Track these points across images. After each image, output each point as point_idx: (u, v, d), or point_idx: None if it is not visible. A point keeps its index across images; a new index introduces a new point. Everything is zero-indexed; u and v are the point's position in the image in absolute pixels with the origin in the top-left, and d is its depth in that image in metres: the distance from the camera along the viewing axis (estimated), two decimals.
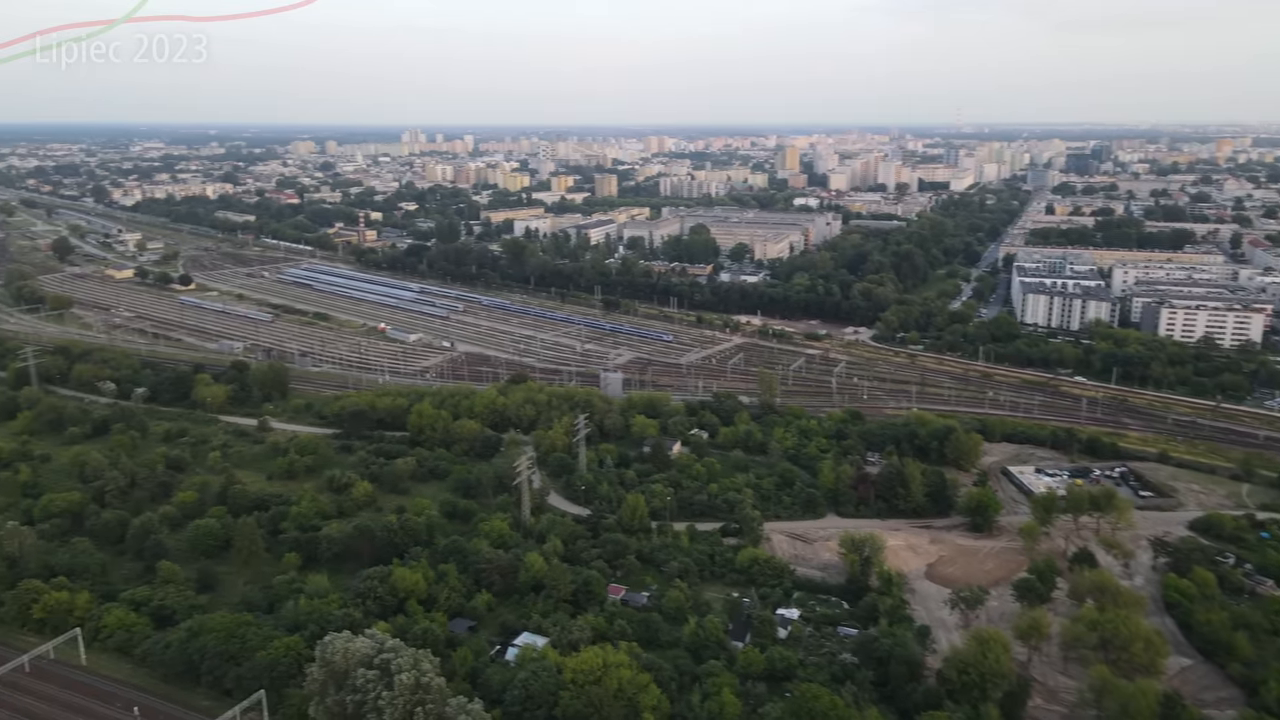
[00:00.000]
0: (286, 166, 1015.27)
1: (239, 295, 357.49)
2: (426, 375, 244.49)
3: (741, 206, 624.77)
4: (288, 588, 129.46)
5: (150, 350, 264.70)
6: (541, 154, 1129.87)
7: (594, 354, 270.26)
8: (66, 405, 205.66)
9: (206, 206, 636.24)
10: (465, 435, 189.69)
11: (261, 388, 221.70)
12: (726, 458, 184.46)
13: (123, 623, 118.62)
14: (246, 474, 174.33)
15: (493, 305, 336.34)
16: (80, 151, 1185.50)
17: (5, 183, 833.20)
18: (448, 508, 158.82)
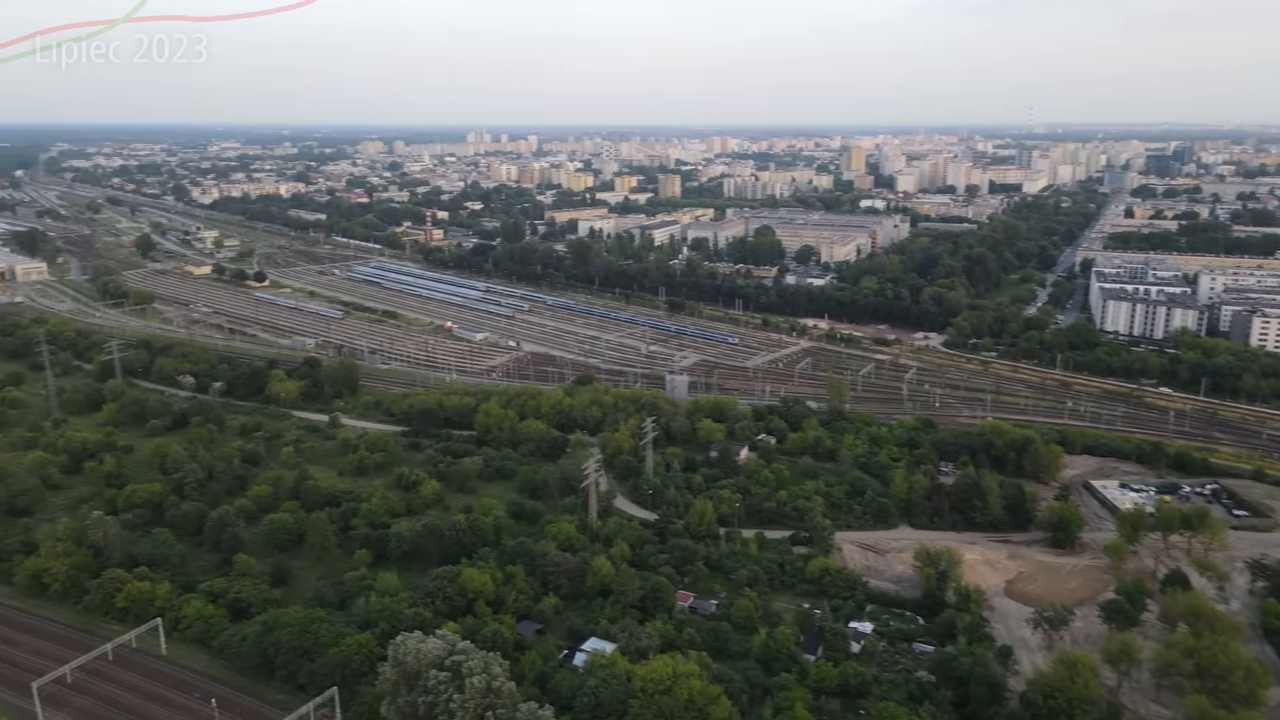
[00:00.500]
0: (356, 166, 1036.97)
1: (310, 292, 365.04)
2: (493, 374, 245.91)
3: (806, 208, 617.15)
4: (358, 584, 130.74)
5: (227, 345, 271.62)
6: (605, 154, 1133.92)
7: (659, 356, 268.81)
8: (148, 398, 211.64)
9: (280, 205, 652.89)
10: (532, 435, 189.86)
11: (332, 384, 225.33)
12: (795, 464, 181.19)
13: (201, 614, 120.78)
14: (318, 469, 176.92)
15: (558, 305, 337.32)
16: (162, 151, 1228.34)
17: (92, 181, 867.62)
18: (514, 508, 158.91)
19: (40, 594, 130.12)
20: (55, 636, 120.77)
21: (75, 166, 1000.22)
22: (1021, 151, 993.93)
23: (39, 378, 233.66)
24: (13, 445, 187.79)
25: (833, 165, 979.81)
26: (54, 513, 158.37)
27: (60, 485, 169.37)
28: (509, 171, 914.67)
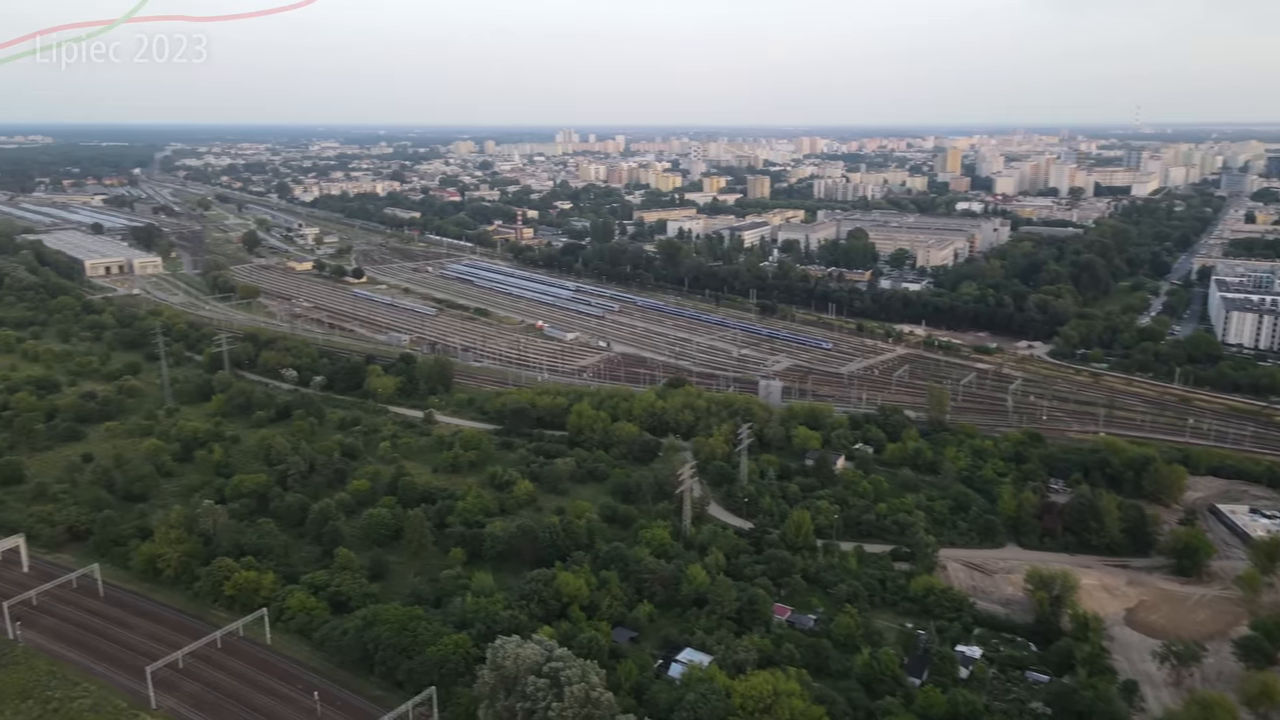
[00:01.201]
0: (449, 165, 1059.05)
1: (405, 289, 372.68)
2: (584, 375, 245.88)
3: (900, 210, 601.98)
4: (454, 583, 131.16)
5: (326, 340, 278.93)
6: (692, 154, 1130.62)
7: (750, 359, 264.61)
8: (254, 390, 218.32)
9: (376, 203, 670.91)
10: (624, 438, 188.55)
11: (427, 381, 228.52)
12: (894, 476, 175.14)
13: (304, 606, 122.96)
14: (413, 465, 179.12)
15: (647, 306, 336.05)
16: (266, 151, 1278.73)
17: (203, 179, 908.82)
18: (607, 512, 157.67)
19: (154, 578, 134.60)
20: (167, 621, 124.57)
21: (187, 165, 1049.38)
22: (1130, 152, 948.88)
23: (154, 367, 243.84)
24: (130, 432, 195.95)
25: (926, 166, 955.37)
26: (166, 499, 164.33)
27: (172, 473, 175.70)
28: (597, 171, 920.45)
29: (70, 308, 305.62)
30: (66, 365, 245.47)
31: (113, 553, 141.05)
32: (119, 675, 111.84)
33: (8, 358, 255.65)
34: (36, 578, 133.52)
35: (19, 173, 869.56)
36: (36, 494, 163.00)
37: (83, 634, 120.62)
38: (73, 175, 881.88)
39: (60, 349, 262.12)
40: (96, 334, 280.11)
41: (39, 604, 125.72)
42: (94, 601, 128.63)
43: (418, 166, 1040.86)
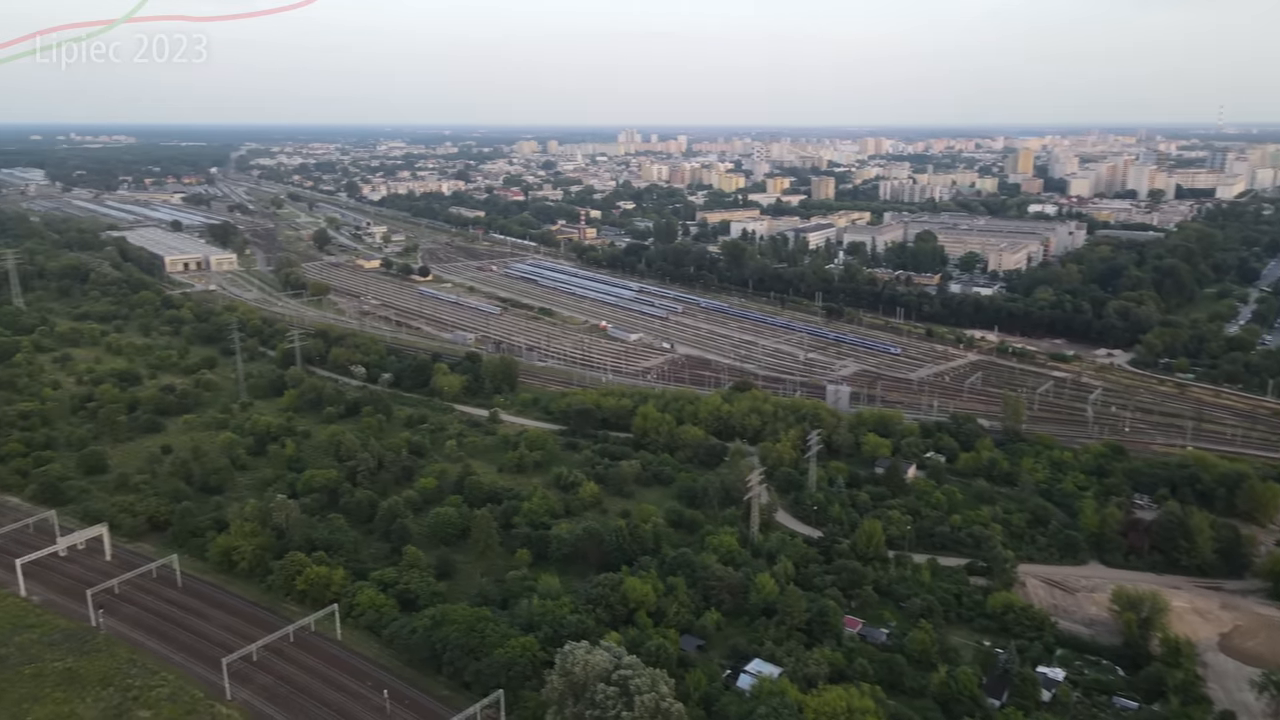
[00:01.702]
0: (512, 165, 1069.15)
1: (470, 288, 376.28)
2: (648, 376, 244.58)
3: (970, 213, 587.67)
4: (520, 585, 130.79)
5: (394, 337, 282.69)
6: (755, 155, 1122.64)
7: (817, 364, 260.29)
8: (324, 386, 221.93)
9: (441, 202, 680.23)
10: (689, 441, 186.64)
11: (492, 380, 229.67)
12: (968, 487, 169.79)
13: (373, 602, 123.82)
14: (479, 464, 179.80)
15: (711, 308, 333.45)
16: (336, 150, 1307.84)
17: (275, 178, 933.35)
18: (673, 516, 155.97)
19: (229, 570, 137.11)
20: (241, 613, 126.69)
21: (261, 165, 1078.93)
22: (1214, 154, 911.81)
23: (229, 362, 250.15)
24: (206, 425, 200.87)
25: (996, 167, 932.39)
26: (241, 492, 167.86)
27: (246, 466, 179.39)
28: (660, 171, 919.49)
29: (151, 303, 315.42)
30: (147, 358, 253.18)
31: (190, 544, 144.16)
32: (196, 665, 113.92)
33: (93, 350, 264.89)
34: (119, 566, 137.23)
35: (104, 171, 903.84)
36: (119, 484, 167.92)
37: (161, 623, 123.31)
38: (153, 174, 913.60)
39: (141, 342, 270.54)
40: (175, 328, 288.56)
41: (120, 592, 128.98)
42: (172, 591, 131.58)
43: (482, 166, 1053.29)
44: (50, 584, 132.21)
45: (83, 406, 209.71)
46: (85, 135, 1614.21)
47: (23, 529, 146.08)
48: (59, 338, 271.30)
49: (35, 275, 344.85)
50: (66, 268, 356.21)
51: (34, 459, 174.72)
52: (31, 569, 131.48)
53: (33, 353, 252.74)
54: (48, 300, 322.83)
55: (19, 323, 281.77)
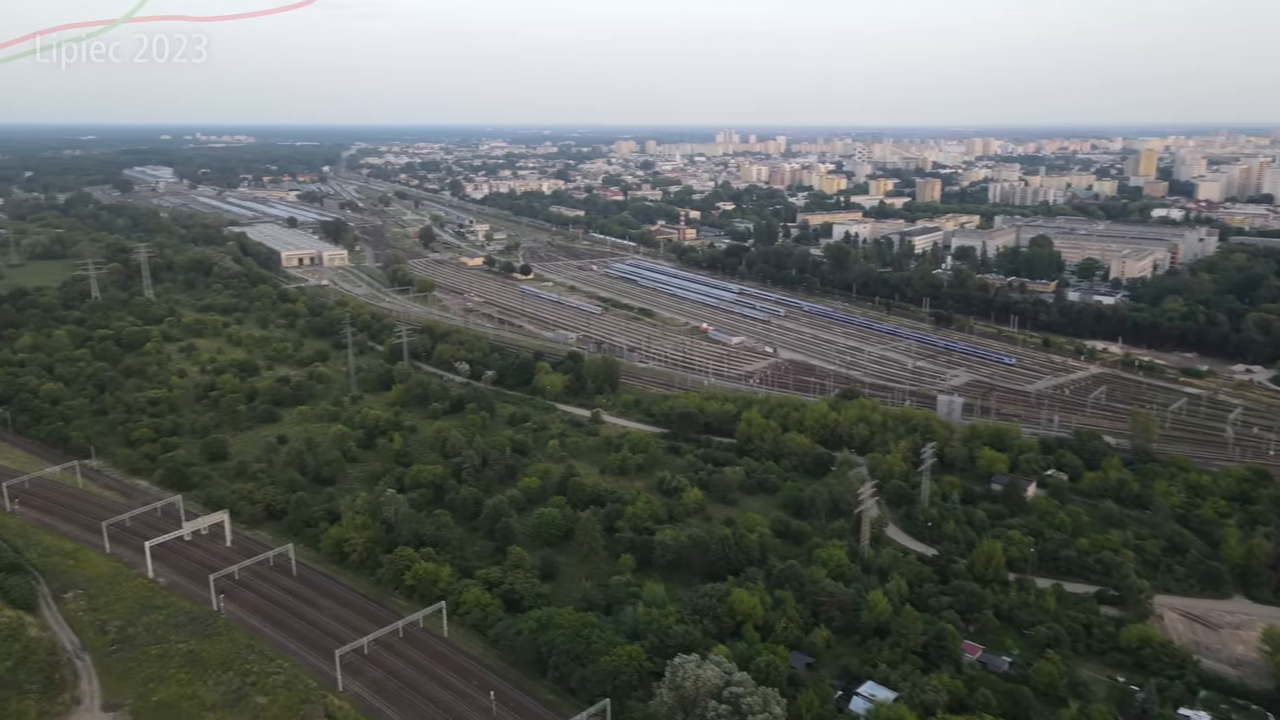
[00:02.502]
0: (611, 165, 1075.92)
1: (571, 287, 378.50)
2: (751, 381, 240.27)
3: (1088, 217, 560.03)
4: (624, 591, 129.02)
5: (496, 335, 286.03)
6: (857, 156, 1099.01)
7: (925, 372, 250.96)
8: (430, 381, 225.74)
9: (542, 201, 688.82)
10: (795, 449, 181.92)
11: (594, 380, 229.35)
12: (1095, 509, 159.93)
13: (479, 601, 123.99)
14: (581, 465, 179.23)
15: (814, 312, 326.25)
16: (440, 150, 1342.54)
17: (383, 177, 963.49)
18: (779, 526, 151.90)
19: (341, 561, 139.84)
20: (352, 604, 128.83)
21: (370, 164, 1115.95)
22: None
23: (340, 355, 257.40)
24: (319, 417, 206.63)
25: (1114, 169, 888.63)
26: (351, 483, 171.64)
27: (356, 458, 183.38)
28: (759, 172, 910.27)
29: (268, 296, 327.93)
30: (264, 350, 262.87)
31: (304, 533, 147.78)
32: (309, 654, 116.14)
33: (215, 341, 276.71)
34: (238, 552, 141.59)
35: (226, 170, 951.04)
36: (238, 471, 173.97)
37: (277, 610, 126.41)
38: (270, 172, 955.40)
39: (259, 334, 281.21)
40: (290, 321, 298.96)
41: (240, 578, 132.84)
42: (287, 579, 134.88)
43: (581, 166, 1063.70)
44: (176, 566, 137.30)
45: (206, 395, 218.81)
46: (209, 135, 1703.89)
47: (151, 512, 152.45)
48: (185, 328, 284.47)
49: (164, 268, 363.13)
50: (192, 261, 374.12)
51: (161, 444, 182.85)
52: (159, 551, 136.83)
53: (161, 342, 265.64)
54: (175, 292, 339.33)
55: (149, 313, 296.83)
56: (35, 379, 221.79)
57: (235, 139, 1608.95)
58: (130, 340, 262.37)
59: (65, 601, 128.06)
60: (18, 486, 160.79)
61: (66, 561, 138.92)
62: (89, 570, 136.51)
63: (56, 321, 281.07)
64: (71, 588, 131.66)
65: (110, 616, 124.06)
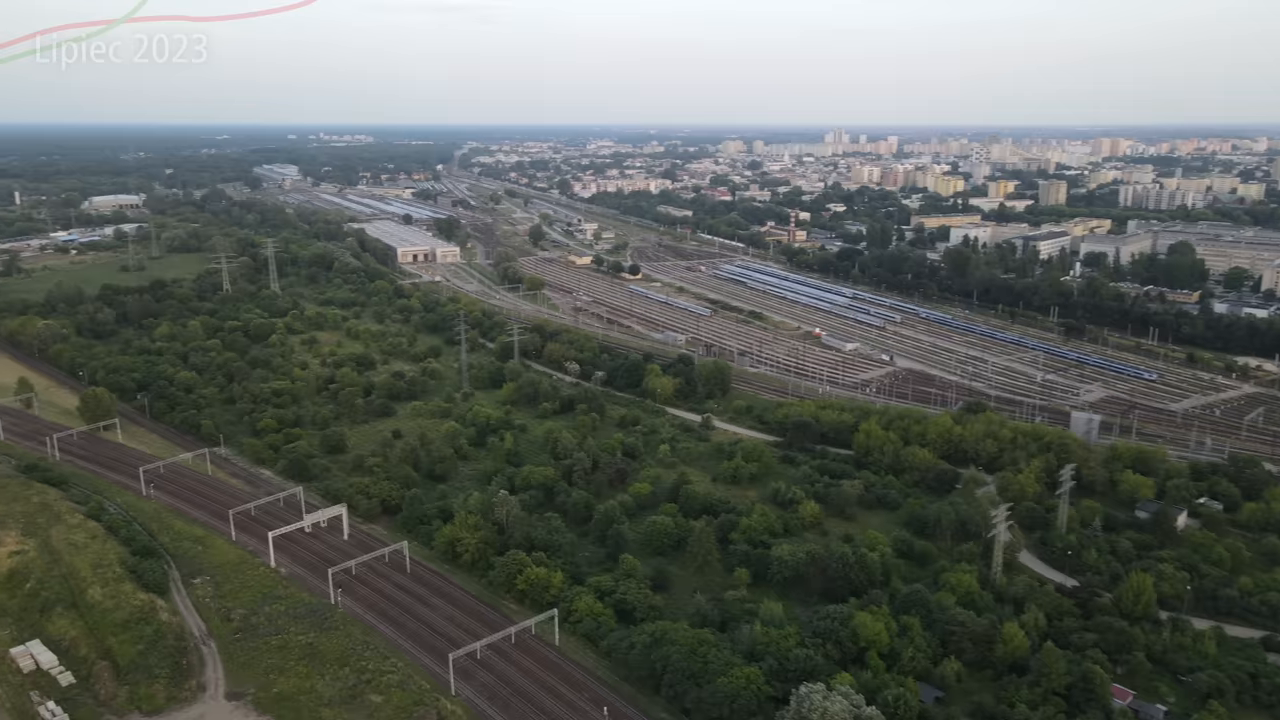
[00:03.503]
0: (718, 165, 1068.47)
1: (679, 288, 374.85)
2: (867, 390, 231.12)
3: (1233, 223, 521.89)
4: (740, 607, 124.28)
5: (605, 335, 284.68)
6: (974, 156, 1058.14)
7: (1056, 386, 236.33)
8: (541, 381, 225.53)
9: (649, 200, 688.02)
10: (916, 464, 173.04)
11: (705, 384, 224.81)
12: (1256, 543, 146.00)
13: (591, 611, 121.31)
14: (692, 472, 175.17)
15: (932, 319, 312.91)
16: (549, 149, 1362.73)
17: (494, 175, 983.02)
18: (901, 545, 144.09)
19: (453, 560, 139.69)
20: (464, 605, 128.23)
21: (481, 162, 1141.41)
22: None
23: (452, 351, 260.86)
24: (432, 413, 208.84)
25: (1260, 171, 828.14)
26: (463, 481, 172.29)
27: (468, 456, 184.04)
28: (870, 173, 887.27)
29: (384, 291, 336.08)
30: (381, 344, 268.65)
31: (418, 530, 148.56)
32: (422, 655, 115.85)
33: (334, 334, 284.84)
34: (355, 546, 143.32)
35: (346, 168, 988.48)
36: (355, 465, 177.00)
37: (392, 607, 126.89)
38: (388, 170, 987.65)
39: (376, 329, 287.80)
40: (405, 316, 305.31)
41: (356, 573, 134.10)
42: (401, 576, 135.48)
43: (688, 165, 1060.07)
44: (296, 557, 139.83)
45: (325, 387, 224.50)
46: (332, 135, 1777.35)
47: (274, 502, 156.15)
48: (307, 321, 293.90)
49: (289, 262, 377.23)
50: (315, 256, 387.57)
51: (284, 435, 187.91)
52: (280, 542, 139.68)
53: (285, 334, 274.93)
54: (298, 285, 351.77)
55: (275, 306, 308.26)
56: (171, 367, 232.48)
57: (356, 139, 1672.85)
58: (257, 332, 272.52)
59: (194, 587, 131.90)
60: (153, 471, 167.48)
61: (196, 547, 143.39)
62: (216, 557, 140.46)
63: (191, 312, 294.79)
64: (200, 573, 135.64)
65: (235, 604, 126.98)
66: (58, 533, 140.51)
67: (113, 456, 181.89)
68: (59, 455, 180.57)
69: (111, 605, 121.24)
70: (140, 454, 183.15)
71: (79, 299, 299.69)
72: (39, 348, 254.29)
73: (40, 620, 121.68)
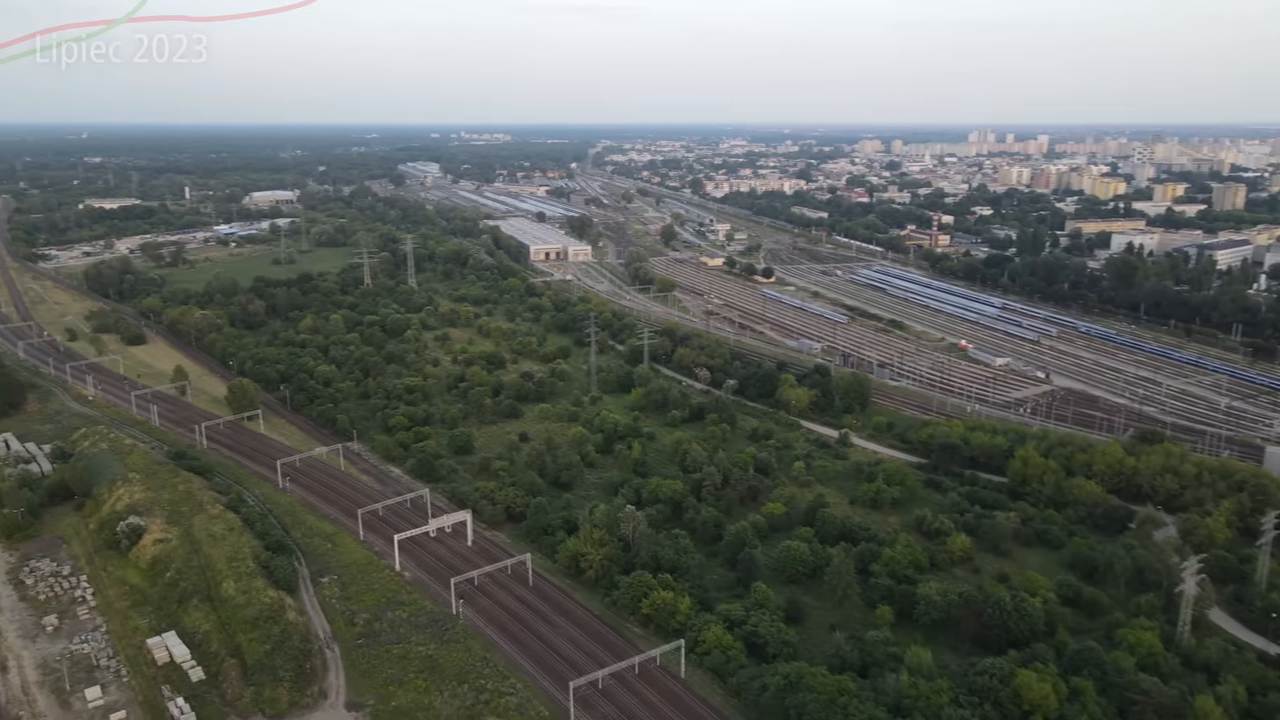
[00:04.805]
0: (854, 165, 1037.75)
1: (814, 292, 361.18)
2: (1021, 410, 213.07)
3: None
4: (883, 651, 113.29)
5: (737, 340, 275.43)
6: (1135, 157, 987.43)
7: (1244, 415, 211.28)
8: (670, 387, 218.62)
9: (783, 201, 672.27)
10: (1082, 498, 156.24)
11: (843, 397, 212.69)
12: None
13: (720, 643, 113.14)
14: (829, 492, 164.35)
15: (1094, 334, 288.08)
16: (681, 148, 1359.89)
17: (626, 174, 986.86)
18: (1066, 591, 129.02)
19: (576, 575, 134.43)
20: (586, 626, 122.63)
21: (614, 161, 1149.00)
22: None
23: (581, 352, 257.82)
24: (559, 416, 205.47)
25: None
26: (589, 490, 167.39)
27: (594, 464, 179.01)
28: (1019, 174, 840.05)
29: (516, 289, 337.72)
30: (511, 343, 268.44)
31: (541, 541, 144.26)
32: (542, 677, 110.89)
33: (466, 331, 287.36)
34: (478, 554, 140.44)
35: (484, 166, 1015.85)
36: (481, 467, 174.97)
37: (512, 623, 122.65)
38: (523, 168, 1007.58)
39: (507, 327, 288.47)
40: (536, 315, 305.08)
41: (478, 583, 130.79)
42: (523, 589, 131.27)
43: (823, 165, 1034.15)
44: (420, 562, 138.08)
45: (456, 385, 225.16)
46: (471, 134, 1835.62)
47: (401, 503, 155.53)
48: (441, 317, 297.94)
49: (426, 258, 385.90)
50: (450, 253, 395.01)
51: (414, 433, 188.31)
52: (405, 545, 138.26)
53: (420, 330, 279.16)
54: (434, 281, 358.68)
55: (411, 301, 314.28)
56: (312, 360, 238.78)
57: (494, 137, 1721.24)
58: (394, 327, 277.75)
59: (321, 586, 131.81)
60: (290, 465, 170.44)
61: (326, 544, 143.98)
62: (344, 556, 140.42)
63: (334, 305, 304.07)
64: (328, 572, 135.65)
65: (359, 607, 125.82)
66: (199, 522, 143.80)
67: (254, 447, 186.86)
68: (206, 443, 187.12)
69: (243, 601, 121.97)
70: (279, 445, 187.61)
71: (234, 290, 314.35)
72: (195, 337, 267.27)
73: (177, 611, 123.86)
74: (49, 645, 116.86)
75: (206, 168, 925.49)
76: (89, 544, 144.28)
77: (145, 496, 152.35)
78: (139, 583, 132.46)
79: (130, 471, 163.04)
